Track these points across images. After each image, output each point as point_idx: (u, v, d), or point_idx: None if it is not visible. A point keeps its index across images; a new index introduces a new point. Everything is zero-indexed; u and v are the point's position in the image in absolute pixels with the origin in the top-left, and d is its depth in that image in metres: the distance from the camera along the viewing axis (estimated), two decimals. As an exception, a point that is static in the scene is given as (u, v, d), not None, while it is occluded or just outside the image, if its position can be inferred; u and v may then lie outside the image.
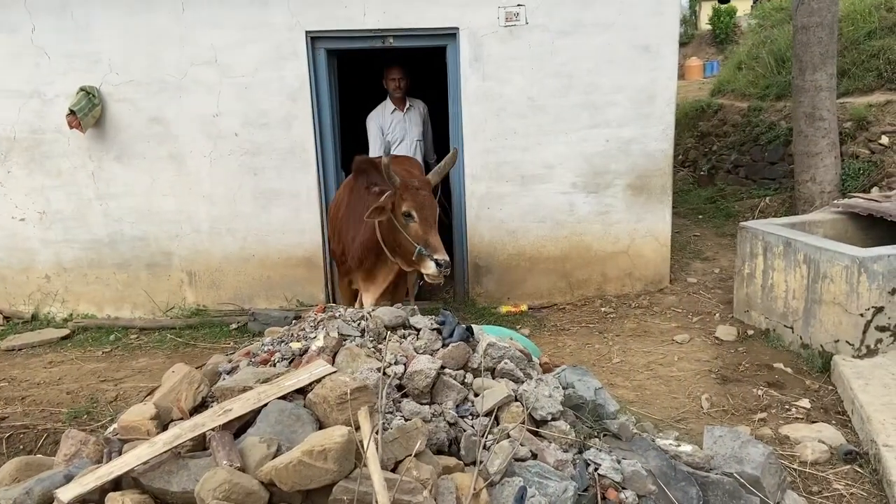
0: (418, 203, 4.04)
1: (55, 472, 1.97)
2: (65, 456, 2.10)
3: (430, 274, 3.98)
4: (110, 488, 1.87)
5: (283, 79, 5.69)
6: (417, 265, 4.09)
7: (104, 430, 2.99)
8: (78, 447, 2.12)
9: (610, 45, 5.55)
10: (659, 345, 5.05)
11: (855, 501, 3.15)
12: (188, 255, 6.02)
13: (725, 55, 18.61)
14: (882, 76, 6.96)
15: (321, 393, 2.13)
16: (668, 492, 2.55)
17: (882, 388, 3.83)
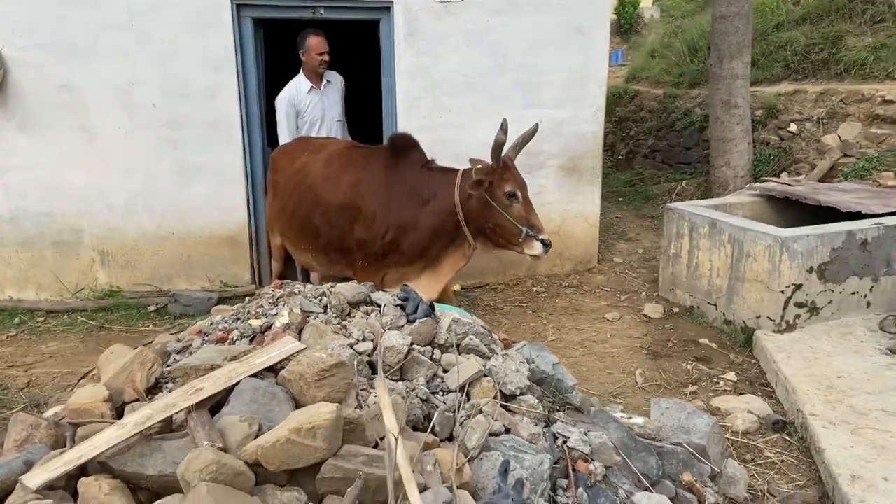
0: (520, 183, 3.95)
1: (12, 459, 1.78)
2: (15, 441, 1.90)
3: (537, 254, 3.94)
4: (76, 474, 1.71)
5: (207, 47, 5.39)
6: (518, 246, 3.97)
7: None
8: (29, 432, 1.93)
9: (544, 25, 5.59)
10: (591, 322, 5.17)
11: (786, 467, 3.34)
12: (100, 233, 5.63)
13: (630, 45, 19.24)
14: (789, 67, 7.39)
15: (297, 370, 2.03)
16: (630, 462, 2.61)
17: (803, 360, 4.07)
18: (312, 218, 4.40)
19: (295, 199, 4.53)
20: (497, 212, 3.91)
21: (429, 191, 4.09)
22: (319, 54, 5.22)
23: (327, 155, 4.52)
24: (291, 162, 4.68)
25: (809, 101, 6.87)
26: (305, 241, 4.56)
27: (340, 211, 4.26)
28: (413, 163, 4.19)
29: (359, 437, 1.88)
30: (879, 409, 3.49)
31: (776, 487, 3.17)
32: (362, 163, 4.34)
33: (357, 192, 4.21)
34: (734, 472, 3.06)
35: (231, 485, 1.61)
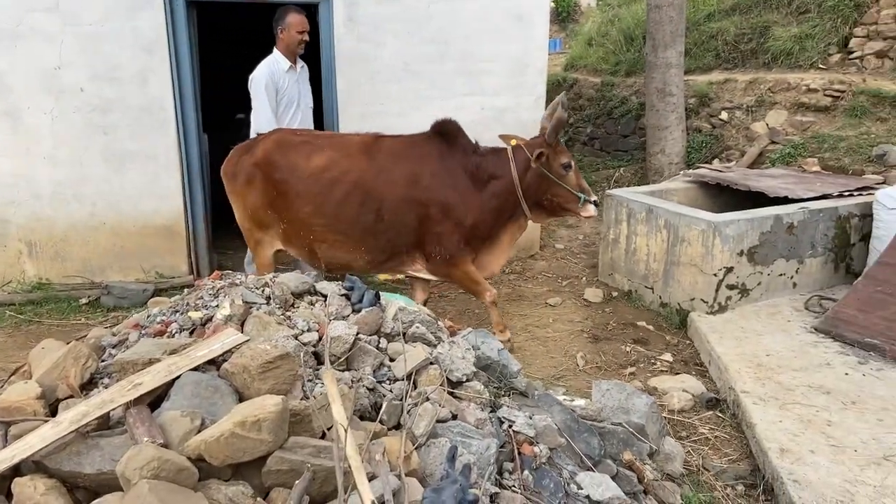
0: (570, 154, 4.29)
1: (-63, 463, 1.70)
2: (-61, 444, 1.81)
3: (592, 216, 4.33)
4: (10, 474, 1.64)
5: (137, 29, 5.20)
6: (576, 212, 4.29)
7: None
8: (-45, 434, 1.84)
9: (485, 12, 5.60)
10: (534, 308, 5.25)
11: (719, 443, 3.48)
12: (27, 224, 5.39)
13: (567, 33, 19.47)
14: (720, 56, 7.62)
15: (240, 362, 1.99)
16: (573, 444, 2.67)
17: (734, 340, 4.24)
18: (365, 218, 4.14)
19: (336, 200, 4.13)
20: (554, 182, 4.21)
21: (487, 173, 4.21)
22: (300, 32, 4.87)
23: (362, 148, 4.23)
24: (306, 159, 4.19)
25: (739, 89, 7.11)
26: (349, 245, 4.23)
27: (403, 206, 4.11)
28: (464, 148, 4.25)
29: (305, 429, 1.87)
30: (805, 385, 3.67)
31: (710, 462, 3.30)
32: (414, 154, 4.21)
33: (420, 185, 4.12)
34: (671, 449, 3.17)
35: (174, 481, 1.57)
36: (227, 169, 4.42)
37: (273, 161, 4.21)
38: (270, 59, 4.86)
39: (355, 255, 4.26)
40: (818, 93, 6.49)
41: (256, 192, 4.27)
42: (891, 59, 6.56)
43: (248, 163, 4.28)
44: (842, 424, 3.30)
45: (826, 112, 6.43)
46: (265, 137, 4.37)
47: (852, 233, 5.00)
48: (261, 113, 4.76)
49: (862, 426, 3.28)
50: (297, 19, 4.84)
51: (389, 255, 4.28)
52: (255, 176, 4.25)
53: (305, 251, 4.36)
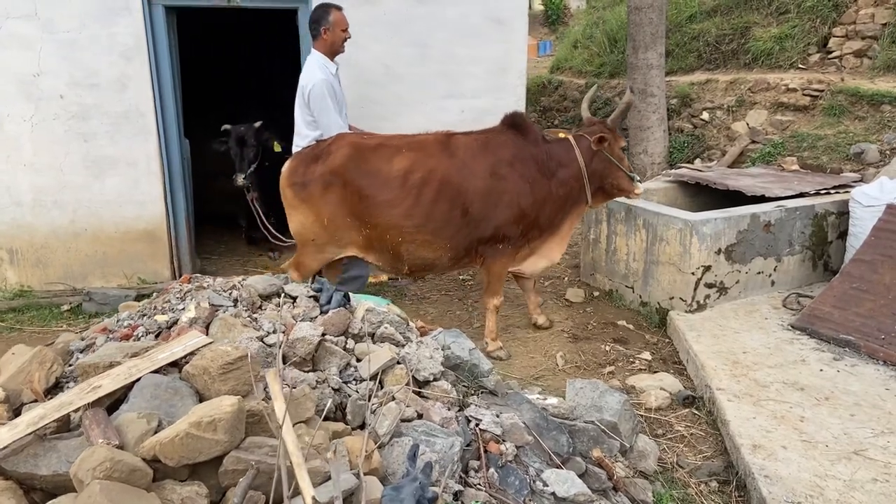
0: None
1: None
2: None
3: (640, 193, 4.48)
4: (-35, 480, 1.65)
5: (115, 35, 5.21)
6: (631, 190, 4.41)
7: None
8: (-87, 439, 1.84)
9: (465, 16, 5.63)
10: (515, 308, 5.26)
11: (694, 440, 3.50)
12: (8, 231, 5.39)
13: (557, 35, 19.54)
14: (702, 57, 7.67)
15: (200, 364, 2.00)
16: (541, 441, 2.69)
17: (712, 338, 4.26)
18: (453, 215, 4.17)
19: (426, 200, 4.12)
20: (615, 165, 4.36)
21: (555, 162, 4.31)
22: (344, 30, 4.66)
23: (440, 146, 4.26)
24: (388, 162, 4.16)
25: (720, 89, 7.15)
26: (437, 243, 4.23)
27: (485, 200, 4.17)
28: (535, 139, 4.34)
29: (263, 429, 1.88)
30: (780, 382, 3.69)
31: (685, 459, 3.32)
32: (490, 148, 4.27)
33: (498, 178, 4.19)
34: (645, 446, 3.19)
35: (126, 482, 1.58)
36: (295, 179, 4.20)
37: (353, 166, 4.12)
38: (319, 63, 4.60)
39: (441, 253, 4.28)
40: (797, 92, 6.53)
41: (335, 199, 4.14)
42: (869, 58, 6.62)
43: (321, 171, 4.12)
44: (814, 420, 3.32)
45: (805, 111, 6.47)
46: (334, 143, 4.22)
47: (829, 230, 5.03)
48: (332, 121, 4.52)
49: (834, 421, 3.31)
50: (341, 17, 4.64)
51: (467, 251, 4.34)
52: (332, 183, 4.11)
53: (389, 255, 4.28)
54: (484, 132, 4.41)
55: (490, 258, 4.34)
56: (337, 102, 4.60)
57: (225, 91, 9.21)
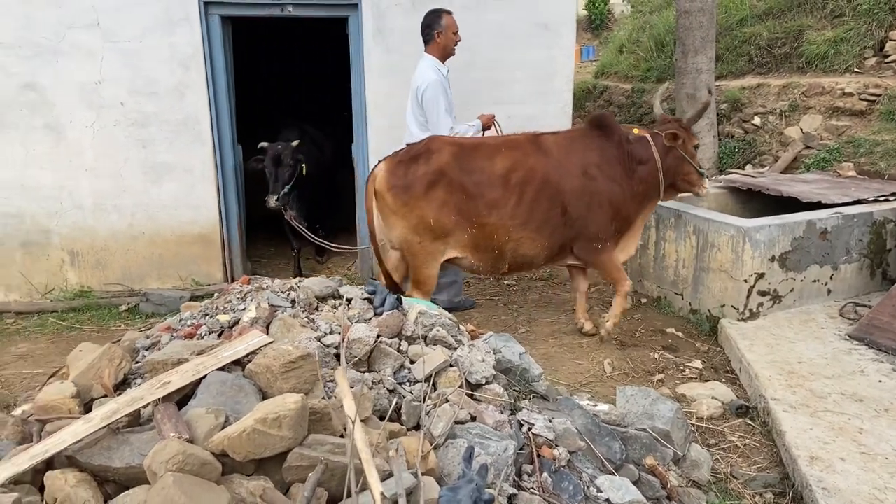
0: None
1: (-23, 457, 1.80)
2: (-20, 440, 1.92)
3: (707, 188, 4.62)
4: (43, 468, 1.73)
5: (174, 45, 5.38)
6: (701, 186, 4.56)
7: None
8: (-6, 430, 1.94)
9: (511, 22, 5.65)
10: (561, 314, 5.25)
11: (748, 451, 3.43)
12: (70, 234, 5.60)
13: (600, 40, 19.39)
14: (753, 61, 7.54)
15: (263, 363, 2.06)
16: (594, 448, 2.68)
17: (766, 347, 4.18)
18: (553, 213, 4.31)
19: (529, 198, 4.23)
20: (688, 162, 4.48)
21: (636, 161, 4.44)
22: (455, 33, 4.87)
23: (535, 147, 4.37)
24: (490, 162, 4.24)
25: (772, 94, 7.02)
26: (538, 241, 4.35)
27: (580, 198, 4.32)
28: (619, 140, 4.46)
29: (325, 427, 1.92)
30: (838, 393, 3.60)
31: (739, 470, 3.26)
32: (580, 147, 4.42)
33: (589, 176, 4.35)
34: (698, 456, 3.15)
35: (197, 474, 1.64)
36: (396, 182, 4.18)
37: (458, 166, 4.18)
38: (433, 65, 4.81)
39: (540, 250, 4.41)
40: (853, 97, 6.37)
41: (440, 199, 4.16)
42: (929, 61, 6.42)
43: (424, 171, 4.14)
44: (874, 432, 3.24)
45: (862, 116, 6.31)
46: (432, 143, 4.27)
47: (888, 238, 4.90)
48: (441, 121, 4.73)
49: (894, 434, 3.22)
50: (453, 21, 4.85)
51: (561, 248, 4.49)
52: (437, 183, 4.14)
53: (493, 254, 4.36)
54: (570, 133, 4.62)
55: (588, 256, 4.54)
56: (448, 104, 4.79)
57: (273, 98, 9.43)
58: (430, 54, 4.85)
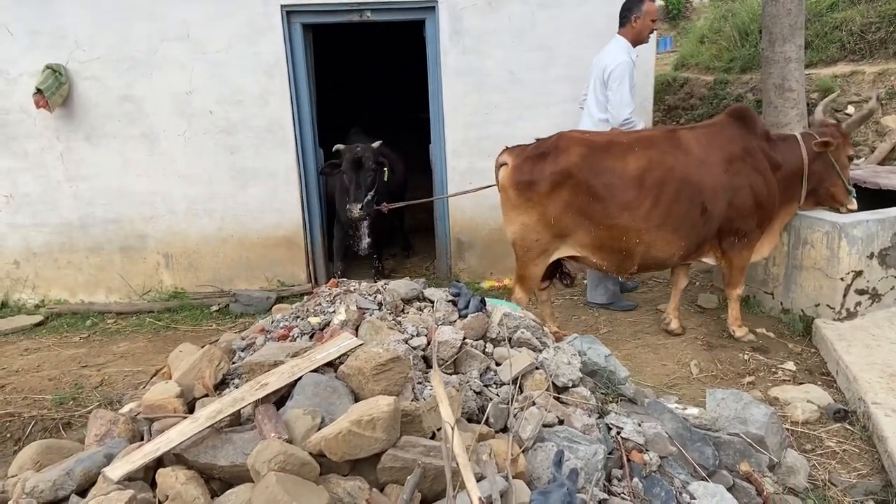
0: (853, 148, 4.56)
1: (94, 452, 1.92)
2: (95, 436, 2.05)
3: (855, 209, 4.44)
4: (154, 466, 1.83)
5: (259, 54, 5.56)
6: (844, 203, 4.47)
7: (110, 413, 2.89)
8: (108, 427, 2.07)
9: (589, 17, 5.57)
10: (644, 314, 5.15)
11: (848, 457, 3.28)
12: (164, 237, 5.88)
13: (678, 31, 18.83)
14: (845, 47, 7.16)
15: (355, 365, 2.12)
16: (685, 453, 2.62)
17: (864, 348, 3.98)
18: (693, 212, 4.20)
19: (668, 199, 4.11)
20: (836, 173, 4.40)
21: (780, 157, 4.36)
22: (654, 21, 4.88)
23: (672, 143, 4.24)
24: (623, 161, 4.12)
25: (867, 82, 6.64)
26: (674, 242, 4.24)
27: (721, 195, 4.21)
28: (761, 132, 4.39)
29: (416, 429, 1.96)
30: (945, 397, 3.40)
31: (838, 477, 3.12)
32: (720, 141, 4.29)
33: (732, 171, 4.24)
34: (794, 461, 3.03)
35: (298, 474, 1.70)
36: (520, 178, 4.13)
37: (587, 166, 4.08)
38: (625, 47, 4.81)
39: (675, 250, 4.29)
40: (958, 81, 5.97)
41: (564, 198, 4.09)
42: None
43: (551, 169, 4.07)
44: None
45: (968, 102, 5.91)
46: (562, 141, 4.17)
47: None
48: (624, 99, 4.70)
49: None
50: (654, 8, 4.84)
51: (699, 246, 4.39)
52: (563, 182, 4.06)
53: (619, 255, 4.25)
54: (709, 126, 4.44)
55: (731, 252, 4.41)
56: (633, 87, 4.76)
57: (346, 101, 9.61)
58: (623, 37, 4.85)
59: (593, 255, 4.26)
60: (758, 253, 4.53)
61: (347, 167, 5.28)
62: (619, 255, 4.23)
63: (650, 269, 4.50)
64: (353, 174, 5.28)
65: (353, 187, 5.27)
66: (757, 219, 4.32)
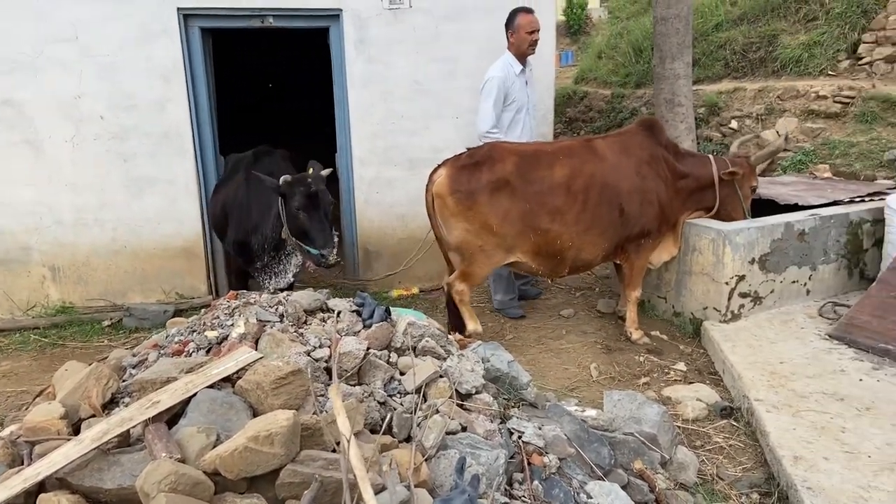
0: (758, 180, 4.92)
1: (-32, 481, 1.78)
2: (-29, 464, 1.90)
3: None
4: (35, 491, 1.72)
5: (153, 58, 5.37)
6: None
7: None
8: (-17, 453, 1.93)
9: (493, 30, 5.67)
10: (547, 320, 5.28)
11: (733, 452, 3.47)
12: (50, 250, 5.55)
13: (579, 45, 19.55)
14: (729, 65, 7.65)
15: (253, 379, 2.07)
16: (583, 453, 2.70)
17: (748, 348, 4.24)
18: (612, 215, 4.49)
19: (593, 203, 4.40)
20: (739, 200, 4.78)
21: (685, 168, 4.72)
22: (530, 33, 4.93)
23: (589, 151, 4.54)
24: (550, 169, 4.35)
25: (748, 98, 7.12)
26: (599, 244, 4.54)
27: (634, 197, 4.50)
28: (665, 143, 4.73)
29: (317, 442, 1.93)
30: (819, 392, 3.66)
31: (725, 471, 3.30)
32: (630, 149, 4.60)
33: (641, 176, 4.54)
34: (684, 458, 3.19)
35: (190, 495, 1.64)
36: (458, 187, 4.23)
37: (521, 174, 4.29)
38: (504, 63, 4.99)
39: (599, 252, 4.60)
40: (828, 99, 6.49)
41: (504, 205, 4.25)
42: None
43: (489, 178, 4.23)
44: (856, 431, 3.28)
45: (836, 118, 6.42)
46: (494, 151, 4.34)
47: (865, 238, 4.98)
48: (485, 113, 4.88)
49: (876, 432, 3.27)
50: (527, 19, 4.93)
51: (615, 248, 4.66)
52: (501, 190, 4.24)
53: (555, 260, 4.49)
54: (620, 134, 4.81)
55: (634, 253, 4.70)
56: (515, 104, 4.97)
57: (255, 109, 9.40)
58: (509, 51, 5.03)
59: (532, 261, 4.48)
60: (668, 251, 4.86)
61: (304, 204, 4.19)
62: (554, 260, 4.49)
63: (578, 270, 4.77)
64: (314, 213, 4.23)
65: (316, 228, 4.23)
66: (658, 222, 4.63)
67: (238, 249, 4.87)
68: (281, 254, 4.71)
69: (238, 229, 4.81)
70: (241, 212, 4.79)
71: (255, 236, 4.67)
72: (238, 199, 4.81)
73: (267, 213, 4.51)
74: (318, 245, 4.24)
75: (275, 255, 4.73)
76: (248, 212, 4.72)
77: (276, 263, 4.81)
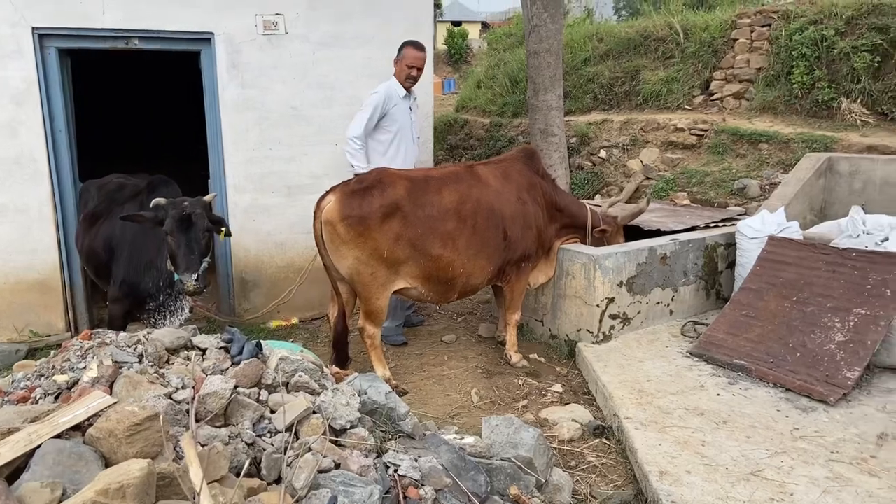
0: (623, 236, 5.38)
1: None
2: None
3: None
4: None
5: (5, 80, 4.99)
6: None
7: None
8: None
9: (370, 58, 5.73)
10: (429, 346, 5.30)
11: (606, 470, 3.60)
12: None
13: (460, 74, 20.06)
14: (597, 98, 8.10)
15: (106, 427, 1.92)
16: (460, 483, 2.71)
17: (618, 368, 4.43)
18: (497, 239, 4.60)
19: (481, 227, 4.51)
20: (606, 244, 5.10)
21: (559, 200, 4.98)
22: (409, 67, 5.05)
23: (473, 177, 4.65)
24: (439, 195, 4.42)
25: (615, 129, 7.56)
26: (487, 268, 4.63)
27: (518, 222, 4.66)
28: (541, 172, 4.99)
29: (175, 492, 1.82)
30: (682, 408, 3.87)
31: (597, 490, 3.40)
32: (511, 175, 4.77)
33: (521, 201, 4.70)
34: (559, 479, 3.27)
35: (29, 559, 1.49)
36: (349, 212, 4.15)
37: (412, 199, 4.29)
38: (390, 84, 5.09)
39: (485, 276, 4.70)
40: (685, 132, 6.99)
41: (394, 231, 4.22)
42: (747, 99, 7.17)
43: (380, 202, 4.19)
44: (714, 444, 3.49)
45: (693, 149, 6.93)
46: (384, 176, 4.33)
47: (719, 261, 5.37)
48: (355, 125, 4.90)
49: (732, 444, 3.49)
50: (411, 55, 5.05)
51: (499, 271, 4.76)
52: (393, 215, 4.22)
53: (445, 284, 4.51)
54: (501, 161, 4.96)
55: (515, 276, 4.84)
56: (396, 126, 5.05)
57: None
58: (394, 76, 5.13)
59: (423, 286, 4.47)
60: (545, 273, 5.06)
61: (172, 227, 3.98)
62: (444, 285, 4.52)
63: (466, 294, 4.81)
64: (180, 236, 3.98)
65: (181, 252, 3.99)
66: (537, 246, 4.83)
67: (129, 290, 4.45)
68: (176, 289, 4.40)
69: (129, 268, 4.43)
70: (131, 249, 4.43)
71: (149, 273, 4.38)
72: (127, 235, 4.45)
73: (162, 246, 4.20)
74: (179, 270, 4.01)
75: (170, 292, 4.43)
76: (141, 248, 4.39)
77: (173, 301, 4.50)
